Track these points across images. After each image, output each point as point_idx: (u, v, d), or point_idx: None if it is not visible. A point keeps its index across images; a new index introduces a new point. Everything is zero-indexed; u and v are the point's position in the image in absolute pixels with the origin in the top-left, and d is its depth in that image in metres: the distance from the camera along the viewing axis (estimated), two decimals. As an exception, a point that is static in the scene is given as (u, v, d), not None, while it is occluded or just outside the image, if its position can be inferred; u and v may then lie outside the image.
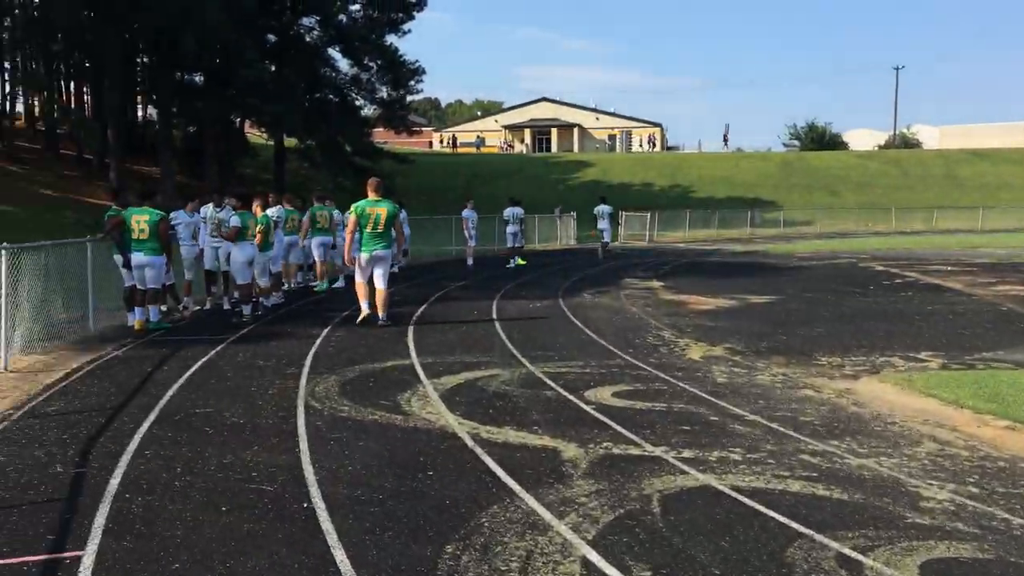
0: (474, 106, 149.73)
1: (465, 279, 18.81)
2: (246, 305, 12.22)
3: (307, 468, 5.49)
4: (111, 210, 12.07)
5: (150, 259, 11.10)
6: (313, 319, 12.28)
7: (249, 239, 12.26)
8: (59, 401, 7.40)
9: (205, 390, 7.73)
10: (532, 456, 5.76)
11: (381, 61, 47.65)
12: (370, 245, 11.47)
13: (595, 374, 8.53)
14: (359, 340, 10.46)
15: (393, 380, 8.18)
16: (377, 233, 11.42)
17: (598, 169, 65.98)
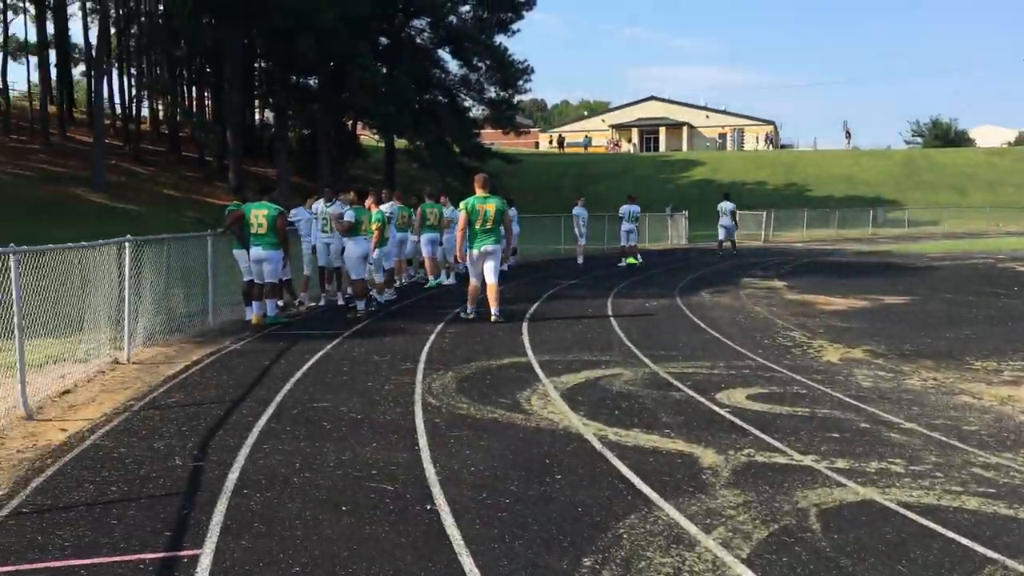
0: (580, 106, 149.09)
1: (576, 277, 18.40)
2: (360, 301, 12.14)
3: (428, 467, 5.20)
4: (232, 205, 12.20)
5: (268, 253, 11.12)
6: (426, 315, 12.11)
7: (363, 234, 12.18)
8: (179, 393, 7.36)
9: (322, 384, 7.58)
10: (667, 462, 5.32)
11: (490, 61, 47.72)
12: (481, 241, 11.42)
13: (725, 375, 8.00)
14: (473, 337, 10.20)
15: (511, 378, 7.85)
16: (487, 229, 11.37)
17: (708, 168, 64.49)
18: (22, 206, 29.96)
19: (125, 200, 34.63)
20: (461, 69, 50.07)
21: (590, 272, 19.75)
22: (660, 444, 5.69)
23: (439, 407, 6.71)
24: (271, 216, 11.10)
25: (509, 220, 11.83)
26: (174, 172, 43.14)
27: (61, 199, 32.46)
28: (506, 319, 11.43)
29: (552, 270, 20.40)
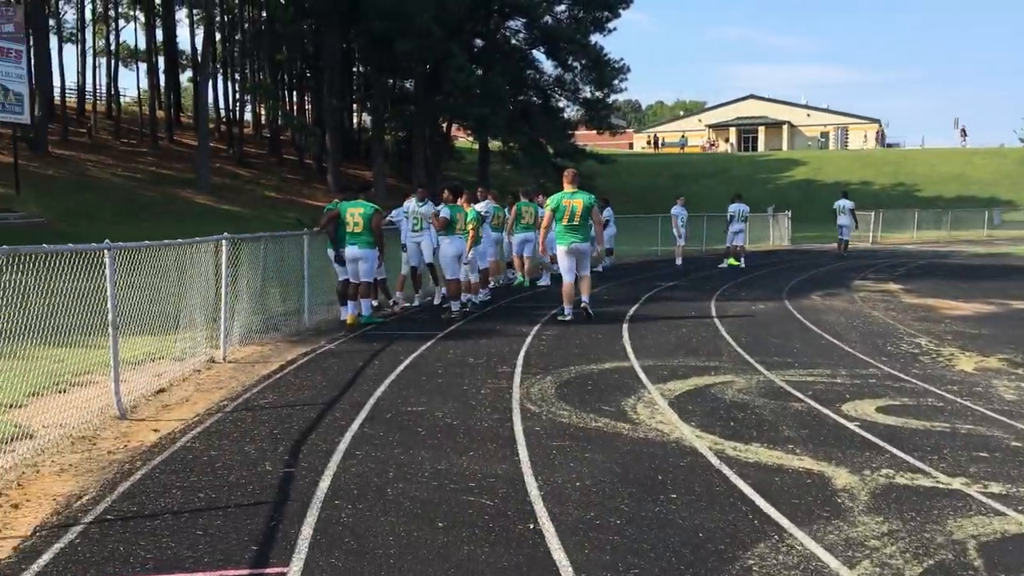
0: (675, 106, 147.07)
1: (676, 279, 17.77)
2: (455, 301, 11.86)
3: (529, 480, 4.81)
4: (332, 204, 12.10)
5: (363, 252, 10.94)
6: (521, 316, 11.74)
7: (459, 233, 11.90)
8: (272, 394, 7.17)
9: (416, 387, 7.28)
10: (794, 481, 4.79)
11: (585, 60, 47.20)
12: (567, 238, 11.06)
13: (848, 385, 7.36)
14: (571, 339, 9.77)
15: (614, 383, 7.40)
16: (574, 225, 10.99)
17: (810, 167, 62.48)
18: (131, 206, 30.98)
19: (228, 201, 35.50)
20: (556, 69, 49.70)
21: (690, 273, 19.08)
22: (784, 461, 5.15)
23: (539, 414, 6.32)
24: (367, 215, 10.92)
25: (599, 217, 11.44)
26: (275, 174, 44.08)
27: (167, 200, 33.46)
28: (599, 318, 11.00)
29: (650, 271, 19.80)
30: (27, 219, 25.47)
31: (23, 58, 28.17)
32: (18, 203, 27.05)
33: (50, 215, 27.08)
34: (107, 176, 35.22)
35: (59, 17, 48.80)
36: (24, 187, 28.87)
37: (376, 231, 11.00)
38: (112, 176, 35.44)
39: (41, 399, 6.73)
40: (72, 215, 27.76)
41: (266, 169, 45.31)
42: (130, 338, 8.05)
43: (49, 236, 24.50)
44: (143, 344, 8.48)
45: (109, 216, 28.87)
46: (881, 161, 63.50)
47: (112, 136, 44.27)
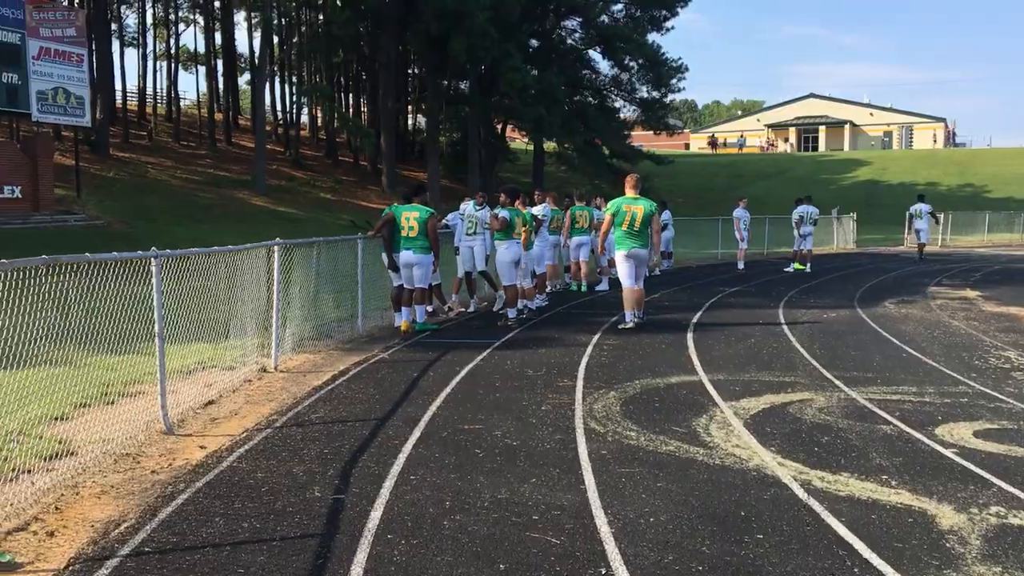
0: (732, 106, 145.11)
1: (739, 283, 17.16)
2: (512, 308, 11.48)
3: (597, 514, 4.40)
4: (390, 207, 11.83)
5: (418, 258, 10.64)
6: (580, 324, 11.33)
7: (516, 238, 11.53)
8: (324, 407, 6.87)
9: (473, 402, 6.91)
10: (893, 520, 4.31)
11: (642, 60, 46.53)
12: (626, 243, 10.81)
13: (939, 404, 6.80)
14: (634, 349, 9.32)
15: (682, 400, 6.95)
16: (633, 232, 10.75)
17: (874, 168, 60.91)
18: (189, 208, 31.27)
19: (284, 203, 35.67)
20: (612, 69, 49.16)
21: (753, 278, 18.45)
22: (880, 495, 4.67)
23: (604, 434, 5.90)
24: (422, 219, 10.62)
25: (657, 225, 11.09)
26: (330, 176, 44.28)
27: (225, 202, 33.72)
28: (669, 329, 10.54)
29: (711, 275, 19.21)
30: (88, 221, 25.81)
31: (84, 62, 28.56)
32: (79, 205, 27.44)
33: (110, 217, 27.43)
34: (166, 178, 35.67)
35: (121, 21, 49.68)
36: (85, 189, 29.30)
37: (431, 235, 10.69)
38: (171, 178, 35.88)
39: (88, 411, 6.52)
40: (132, 217, 28.08)
41: (322, 171, 45.54)
42: (182, 346, 7.85)
43: (108, 237, 24.78)
44: (195, 352, 8.28)
45: (168, 218, 29.15)
46: (947, 161, 61.62)
47: (172, 139, 44.89)
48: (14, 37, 25.25)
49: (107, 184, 31.82)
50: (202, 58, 52.67)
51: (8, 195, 24.91)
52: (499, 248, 11.54)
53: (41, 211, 25.49)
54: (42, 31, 26.33)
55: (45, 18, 26.60)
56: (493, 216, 11.58)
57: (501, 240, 11.48)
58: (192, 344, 7.90)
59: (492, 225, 11.63)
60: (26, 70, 25.71)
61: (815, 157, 70.34)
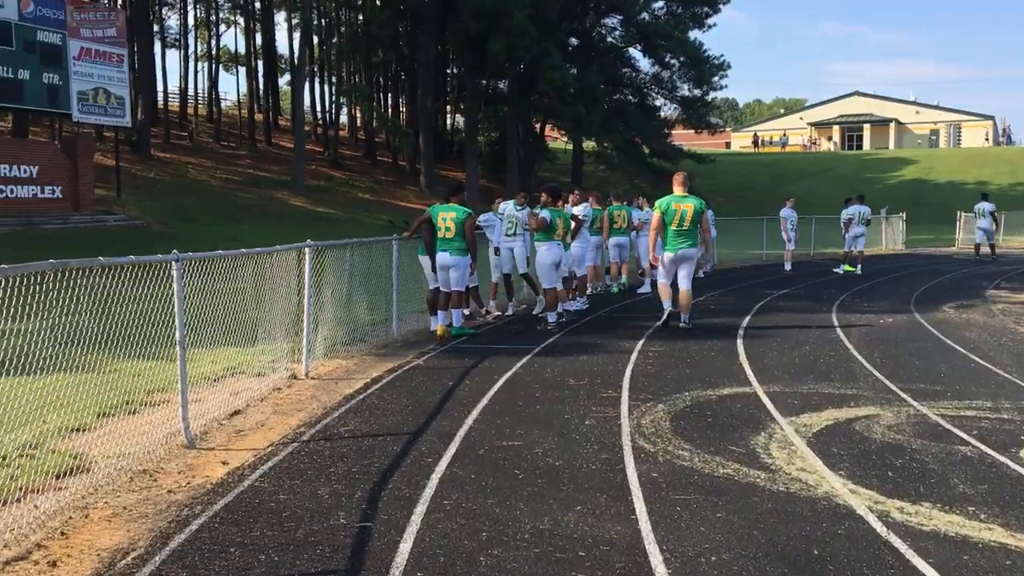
0: (774, 104, 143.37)
1: (788, 286, 16.54)
2: (552, 312, 11.03)
3: (651, 550, 3.95)
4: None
5: (455, 259, 10.25)
6: (623, 329, 10.86)
7: (556, 239, 11.08)
8: (355, 419, 6.49)
9: (512, 415, 6.49)
10: (989, 563, 3.79)
11: (684, 57, 45.85)
12: (675, 244, 10.56)
13: (1019, 422, 6.24)
14: (681, 357, 8.84)
15: (736, 415, 6.46)
16: (682, 231, 10.50)
17: (921, 166, 59.51)
18: (228, 208, 31.26)
19: (323, 203, 35.58)
20: (653, 67, 48.53)
21: (802, 280, 17.80)
22: (969, 531, 4.15)
23: (654, 454, 5.45)
24: (459, 219, 10.23)
25: (707, 223, 11.00)
26: (369, 176, 44.18)
27: (264, 202, 33.69)
28: (717, 335, 10.04)
29: (757, 277, 18.60)
30: (127, 221, 25.84)
31: (125, 62, 28.63)
32: (119, 205, 27.51)
33: (149, 217, 27.46)
34: (206, 178, 35.75)
35: (162, 23, 50.04)
36: (125, 189, 29.39)
37: (469, 236, 10.30)
38: (211, 179, 35.96)
39: (109, 421, 6.21)
40: (171, 217, 28.10)
41: (360, 171, 45.47)
42: (209, 350, 7.55)
43: (146, 237, 24.79)
44: (224, 357, 7.97)
45: (206, 218, 29.14)
46: (998, 160, 60.00)
47: (212, 139, 45.09)
48: (55, 37, 25.36)
49: (147, 184, 31.94)
50: (242, 59, 52.90)
51: (48, 195, 25.01)
52: (539, 249, 11.10)
53: (81, 211, 25.57)
54: (83, 31, 26.42)
55: (86, 19, 26.70)
56: (531, 215, 11.16)
57: (541, 241, 11.04)
58: (221, 349, 7.61)
59: (531, 225, 11.20)
60: (67, 70, 25.82)
61: (860, 156, 68.94)
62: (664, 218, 10.48)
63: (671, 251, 10.55)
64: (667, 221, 10.46)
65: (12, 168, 23.87)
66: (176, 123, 46.62)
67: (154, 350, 6.46)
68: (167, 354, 6.52)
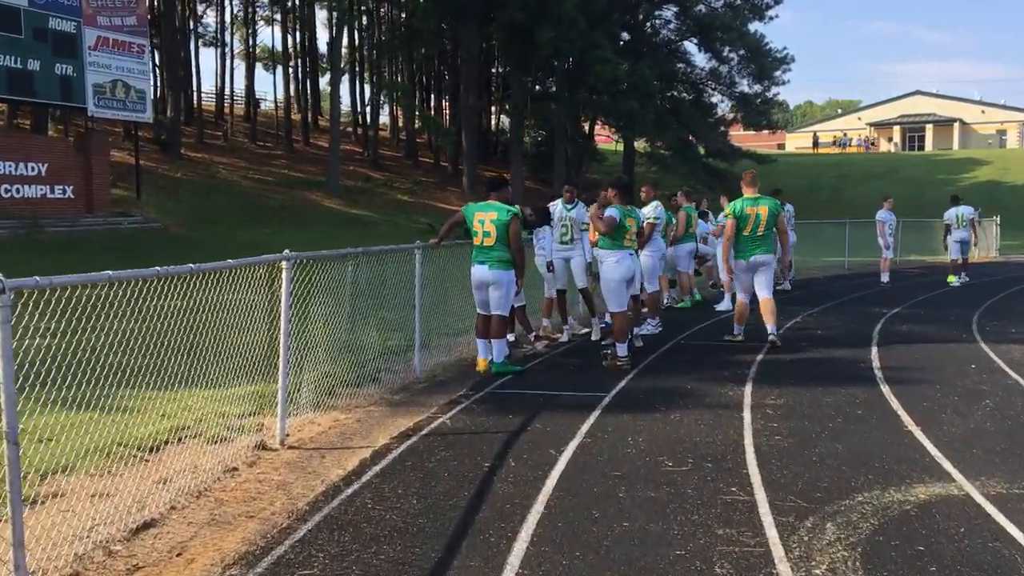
0: (827, 105, 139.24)
1: (897, 303, 13.75)
2: (621, 344, 8.43)
3: None
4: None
5: (496, 274, 7.78)
6: (715, 364, 8.28)
7: (628, 246, 8.51)
8: (330, 545, 4.00)
9: (585, 546, 3.95)
10: None
11: (743, 51, 42.91)
12: (749, 250, 9.41)
13: None
14: (815, 416, 6.24)
15: (967, 552, 3.85)
16: (758, 236, 9.39)
17: (994, 168, 55.83)
18: (257, 210, 29.19)
19: (359, 205, 33.43)
20: (709, 62, 45.64)
21: (907, 294, 14.98)
22: None
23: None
24: (502, 221, 7.75)
25: (784, 225, 9.87)
26: (409, 177, 42.01)
27: (296, 204, 31.62)
28: (847, 376, 7.43)
29: (851, 290, 15.80)
30: (143, 224, 23.81)
31: (146, 53, 26.67)
32: (137, 206, 25.53)
33: (170, 219, 25.45)
34: (237, 179, 33.77)
35: (196, 17, 48.36)
36: (149, 190, 27.48)
37: (514, 244, 7.82)
38: (242, 179, 33.97)
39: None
40: (193, 219, 26.07)
41: (400, 172, 43.32)
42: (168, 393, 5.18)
43: (160, 241, 22.72)
44: (171, 410, 5.58)
45: (232, 220, 27.07)
46: (1080, 160, 56.08)
47: (248, 139, 43.26)
48: (69, 25, 23.41)
49: (173, 185, 30.00)
50: (280, 57, 51.07)
51: (59, 195, 23.06)
52: (605, 261, 8.53)
53: (95, 212, 23.61)
54: (100, 19, 24.47)
55: (103, 5, 24.71)
56: (596, 216, 8.59)
57: (607, 250, 8.48)
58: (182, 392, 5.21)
59: (596, 228, 8.62)
60: (82, 61, 23.87)
61: (928, 156, 65.20)
62: (738, 224, 9.34)
63: (744, 259, 9.41)
64: (741, 227, 9.35)
65: (18, 166, 21.93)
66: (212, 122, 44.91)
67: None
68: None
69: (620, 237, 8.41)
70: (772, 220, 9.34)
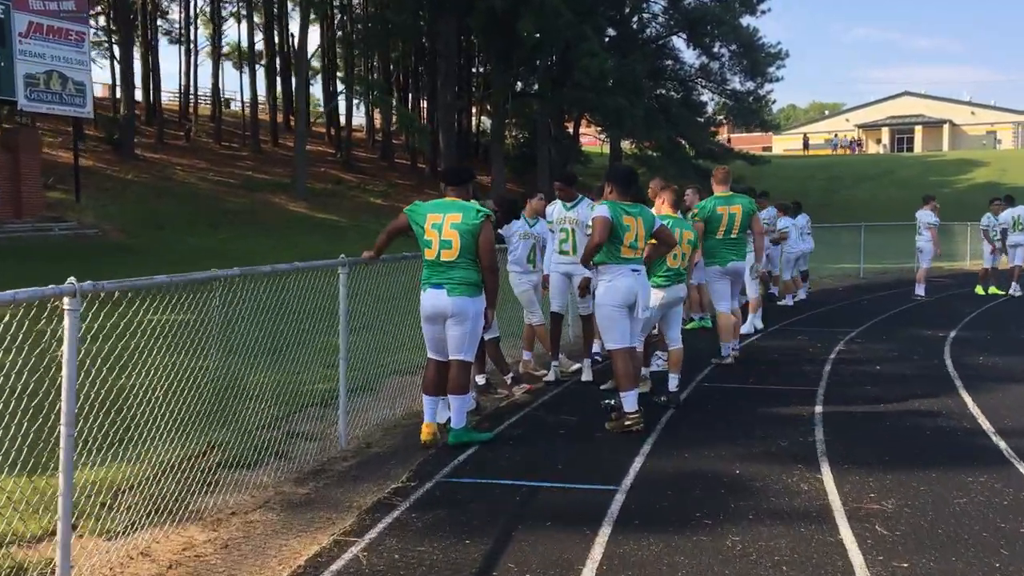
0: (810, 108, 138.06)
1: (952, 321, 11.45)
2: (628, 394, 5.99)
3: None
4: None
5: (458, 303, 5.40)
6: (762, 423, 5.96)
7: (628, 259, 6.11)
8: None
9: None
10: None
11: (736, 47, 40.73)
12: (725, 255, 8.38)
13: None
14: (959, 540, 3.92)
15: None
16: (731, 239, 8.42)
17: (991, 169, 53.97)
18: (211, 214, 26.71)
19: (326, 209, 31.00)
20: (699, 59, 43.42)
21: (952, 310, 12.72)
22: None
23: None
24: (469, 226, 5.39)
25: (759, 225, 8.81)
26: (384, 179, 39.60)
27: (257, 207, 29.18)
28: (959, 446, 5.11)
29: (886, 306, 13.47)
30: (77, 230, 21.26)
31: (86, 40, 24.15)
32: (75, 211, 22.98)
33: (111, 224, 22.92)
34: (194, 181, 31.22)
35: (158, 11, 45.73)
36: (92, 192, 24.96)
37: (486, 260, 5.45)
38: (200, 181, 31.43)
39: None
40: (138, 224, 23.57)
41: (375, 174, 40.89)
42: None
43: (93, 249, 20.17)
44: None
45: (182, 225, 24.60)
46: (1080, 160, 54.38)
47: (213, 139, 40.71)
48: (-6, 9, 20.93)
49: (121, 187, 27.45)
50: (247, 53, 48.44)
51: (-20, 199, 20.54)
52: (600, 281, 6.17)
53: (24, 218, 21.09)
54: (32, 3, 21.96)
55: (36, -13, 22.22)
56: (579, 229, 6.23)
57: (602, 264, 6.13)
58: None
59: (592, 237, 6.24)
60: (11, 49, 21.35)
61: (921, 158, 63.48)
62: (708, 226, 8.27)
63: (720, 264, 8.38)
64: (711, 229, 8.32)
65: (-72, 165, 19.40)
66: (176, 122, 42.35)
67: None
68: None
69: (616, 247, 6.04)
70: (746, 221, 8.40)
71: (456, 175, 5.86)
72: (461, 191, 5.69)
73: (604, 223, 5.95)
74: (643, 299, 6.13)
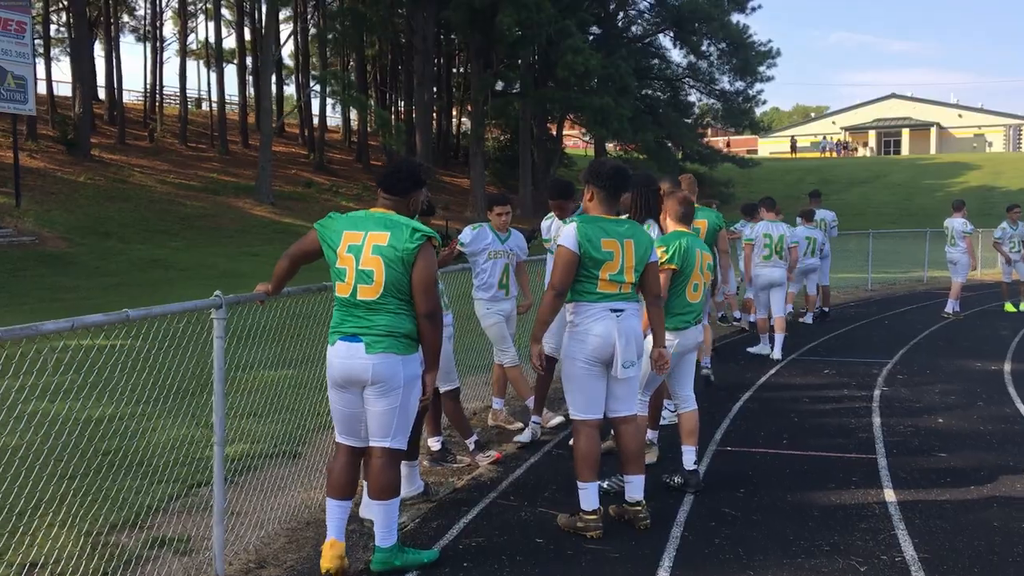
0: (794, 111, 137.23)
1: (1000, 351, 9.79)
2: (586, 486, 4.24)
3: None
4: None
5: (383, 364, 3.58)
6: (807, 528, 4.23)
7: (611, 295, 4.25)
8: None
9: None
10: None
11: (725, 45, 39.15)
12: None
13: None
14: None
15: None
16: None
17: (985, 172, 52.80)
18: (167, 219, 24.78)
19: (292, 214, 29.11)
20: (686, 58, 41.83)
21: (990, 331, 11.06)
22: None
23: None
24: (399, 251, 3.59)
25: (725, 244, 7.80)
26: (358, 182, 37.74)
27: (218, 212, 27.26)
28: None
29: (911, 325, 11.81)
30: (11, 238, 19.29)
31: (27, 31, 22.20)
32: (15, 216, 21.01)
33: (53, 231, 20.98)
34: (152, 184, 29.24)
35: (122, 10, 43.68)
36: (37, 196, 23.02)
37: (422, 298, 3.65)
38: (159, 184, 29.45)
39: None
40: (83, 231, 21.65)
41: (349, 176, 39.04)
42: None
43: (26, 259, 18.26)
44: None
45: (133, 232, 22.71)
46: (1072, 163, 53.23)
47: (179, 140, 38.72)
48: (-82, -6, 19.01)
49: (69, 190, 25.45)
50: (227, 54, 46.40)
51: (-98, 203, 18.59)
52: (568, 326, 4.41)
53: (-48, 224, 19.15)
54: (-36, -11, 20.05)
55: (-32, -28, 20.33)
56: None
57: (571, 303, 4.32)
58: None
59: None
60: (-60, 40, 19.47)
61: (912, 161, 62.15)
62: None
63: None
64: None
65: None
66: (140, 122, 40.35)
67: None
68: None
69: (591, 279, 4.26)
70: (711, 237, 7.50)
71: (393, 179, 3.99)
72: (400, 203, 3.88)
73: (566, 261, 4.15)
74: (628, 351, 4.28)
